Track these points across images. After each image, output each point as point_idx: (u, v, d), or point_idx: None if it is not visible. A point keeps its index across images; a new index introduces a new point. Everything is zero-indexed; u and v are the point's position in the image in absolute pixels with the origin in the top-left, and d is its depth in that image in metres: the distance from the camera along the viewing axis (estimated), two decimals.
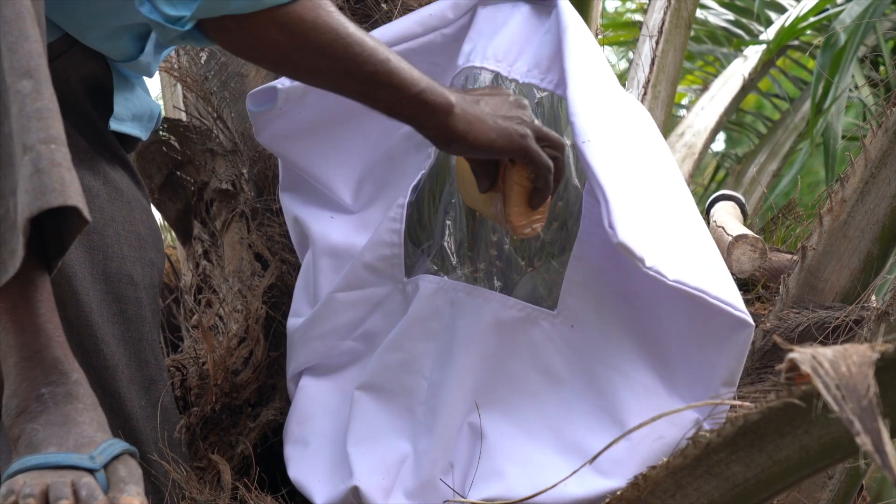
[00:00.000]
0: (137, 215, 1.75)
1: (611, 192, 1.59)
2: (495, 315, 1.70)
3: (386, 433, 1.72)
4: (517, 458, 1.68)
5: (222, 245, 2.18)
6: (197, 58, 2.25)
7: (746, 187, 3.91)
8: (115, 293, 1.69)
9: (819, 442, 1.25)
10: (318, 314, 1.80)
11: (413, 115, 1.58)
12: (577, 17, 1.80)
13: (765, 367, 1.95)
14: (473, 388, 1.71)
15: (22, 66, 1.33)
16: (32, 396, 1.37)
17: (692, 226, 1.74)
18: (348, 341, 1.80)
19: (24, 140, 1.31)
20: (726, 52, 4.29)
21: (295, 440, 1.78)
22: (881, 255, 1.94)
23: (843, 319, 1.88)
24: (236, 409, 1.93)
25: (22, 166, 1.30)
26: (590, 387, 1.70)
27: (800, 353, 1.09)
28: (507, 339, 1.70)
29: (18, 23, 1.34)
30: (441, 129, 1.58)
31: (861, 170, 1.92)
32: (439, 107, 1.56)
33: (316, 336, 1.80)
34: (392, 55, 1.55)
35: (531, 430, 1.70)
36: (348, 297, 1.79)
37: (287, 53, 1.53)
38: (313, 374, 1.82)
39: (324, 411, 1.79)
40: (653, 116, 2.61)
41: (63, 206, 1.29)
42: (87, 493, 1.30)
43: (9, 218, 1.33)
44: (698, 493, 1.35)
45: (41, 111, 1.32)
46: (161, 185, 2.24)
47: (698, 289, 1.62)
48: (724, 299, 1.64)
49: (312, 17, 1.50)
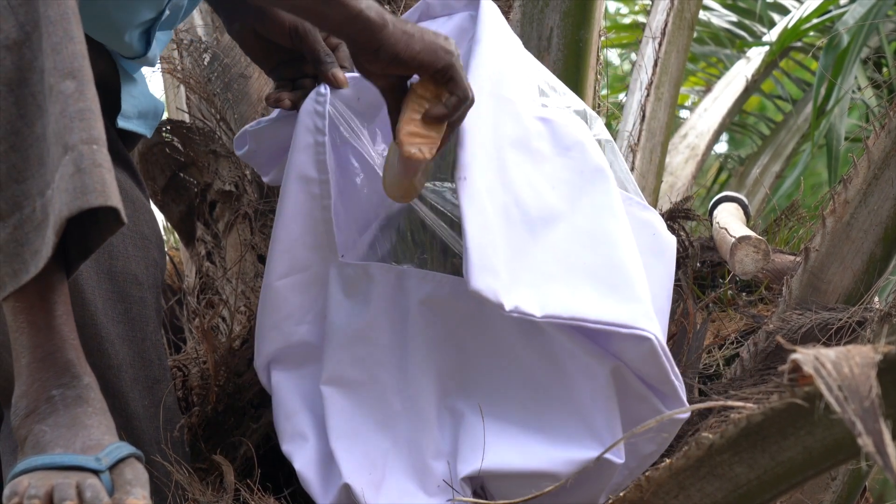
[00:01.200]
0: (141, 215, 1.76)
1: (473, 236, 1.61)
2: (451, 296, 1.71)
3: (365, 427, 1.73)
4: (497, 430, 1.70)
5: (225, 246, 2.18)
6: (200, 59, 2.26)
7: (749, 189, 3.92)
8: (121, 293, 1.69)
9: (822, 443, 1.25)
10: (267, 304, 1.79)
11: (353, 31, 1.59)
12: (496, 27, 1.79)
13: (768, 369, 1.95)
14: (443, 371, 1.73)
15: (66, 67, 1.34)
16: (43, 398, 1.38)
17: (599, 247, 1.72)
18: (304, 325, 1.80)
19: (66, 140, 1.32)
20: (729, 53, 4.29)
21: (290, 435, 1.77)
22: (884, 257, 1.94)
23: (846, 321, 1.88)
24: (239, 410, 1.93)
25: (62, 165, 1.31)
26: (544, 360, 1.71)
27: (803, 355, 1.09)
28: (466, 319, 1.71)
29: (64, 24, 1.35)
30: (374, 41, 1.59)
31: (864, 171, 1.92)
32: (376, 23, 1.57)
33: (271, 325, 1.79)
34: None
35: (502, 405, 1.72)
36: (291, 282, 1.79)
37: None
38: (282, 367, 1.81)
39: (304, 405, 1.78)
40: (656, 118, 2.62)
41: (103, 206, 1.30)
42: (91, 494, 1.30)
43: (34, 218, 1.33)
44: (701, 494, 1.35)
45: (84, 112, 1.33)
46: (164, 187, 2.25)
47: (575, 317, 1.64)
48: (611, 321, 1.65)
49: None
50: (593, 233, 1.71)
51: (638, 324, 1.65)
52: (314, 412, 1.77)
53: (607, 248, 1.70)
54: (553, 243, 1.70)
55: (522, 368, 1.72)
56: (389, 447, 1.71)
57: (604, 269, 1.69)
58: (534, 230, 1.69)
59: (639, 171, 2.56)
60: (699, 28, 4.18)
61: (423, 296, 1.72)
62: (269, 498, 1.76)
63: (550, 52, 2.12)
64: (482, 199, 1.64)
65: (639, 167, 2.56)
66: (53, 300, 1.39)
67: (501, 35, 1.80)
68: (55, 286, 1.39)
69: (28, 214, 1.34)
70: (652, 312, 1.68)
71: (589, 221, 1.72)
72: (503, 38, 1.80)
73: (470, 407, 1.72)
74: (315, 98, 1.76)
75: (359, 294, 1.75)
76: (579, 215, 1.72)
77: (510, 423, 1.71)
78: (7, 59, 1.36)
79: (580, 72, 2.16)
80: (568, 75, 2.13)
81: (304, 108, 1.76)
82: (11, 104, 1.36)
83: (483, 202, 1.64)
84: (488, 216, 1.64)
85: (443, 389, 1.73)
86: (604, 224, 1.72)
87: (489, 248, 1.62)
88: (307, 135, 1.75)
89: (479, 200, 1.64)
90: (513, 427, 1.71)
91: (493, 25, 1.78)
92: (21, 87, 1.36)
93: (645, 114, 2.61)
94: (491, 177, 1.67)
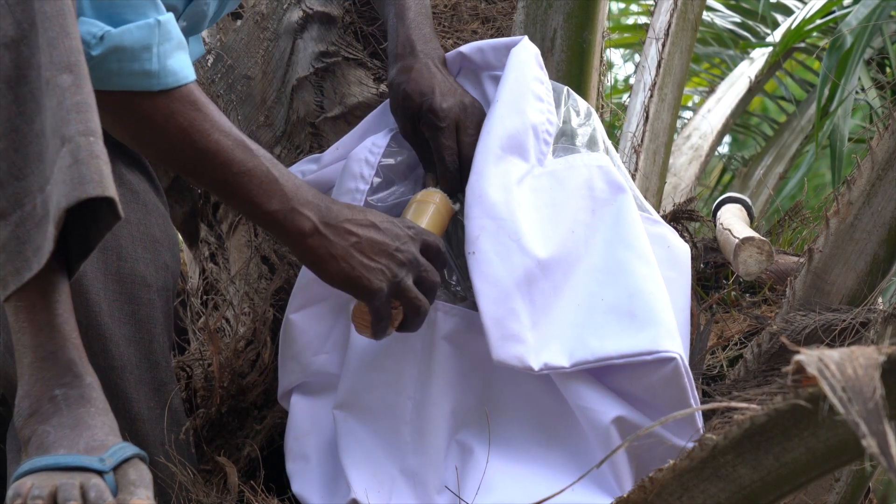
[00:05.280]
0: (153, 218, 1.75)
1: (488, 311, 1.64)
2: (474, 332, 1.72)
3: (374, 453, 1.73)
4: (507, 470, 1.69)
5: (229, 248, 2.18)
6: (204, 60, 2.26)
7: (753, 190, 3.91)
8: (128, 294, 1.69)
9: (825, 444, 1.25)
10: (286, 336, 1.83)
11: (269, 229, 1.61)
12: (519, 77, 1.80)
13: (771, 370, 1.95)
14: (457, 405, 1.73)
15: (63, 61, 1.35)
16: (45, 398, 1.38)
17: (617, 280, 1.72)
18: (322, 355, 1.82)
19: (64, 132, 1.32)
20: (732, 54, 4.28)
21: (295, 455, 1.79)
22: (888, 258, 1.94)
23: (850, 322, 1.88)
24: (243, 412, 1.93)
25: (60, 157, 1.32)
26: (558, 404, 1.71)
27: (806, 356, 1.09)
28: (487, 356, 1.71)
29: (59, 19, 1.36)
30: (294, 248, 1.61)
31: (867, 172, 1.92)
32: (295, 231, 1.58)
33: (291, 356, 1.83)
34: (257, 168, 1.55)
35: (516, 443, 1.71)
36: (307, 314, 1.80)
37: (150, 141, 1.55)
38: (302, 391, 1.84)
39: (316, 427, 1.80)
40: (659, 119, 2.61)
41: (100, 196, 1.30)
42: (95, 494, 1.30)
43: (35, 215, 1.34)
44: (704, 495, 1.35)
45: (80, 104, 1.34)
46: (168, 188, 2.25)
47: (601, 358, 1.65)
48: (634, 351, 1.65)
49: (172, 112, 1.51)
50: (608, 268, 1.72)
51: (661, 346, 1.66)
52: (323, 435, 1.79)
53: (624, 279, 1.71)
54: (573, 288, 1.70)
55: (537, 410, 1.73)
56: (396, 475, 1.72)
57: (624, 301, 1.69)
58: (555, 282, 1.70)
59: (642, 172, 2.56)
60: (702, 29, 4.18)
61: (447, 330, 1.73)
62: (272, 499, 1.76)
63: (554, 53, 2.12)
64: (495, 271, 1.66)
65: (642, 168, 2.56)
66: (55, 299, 1.39)
67: (523, 86, 1.80)
68: (57, 285, 1.39)
69: (29, 211, 1.34)
70: (675, 331, 1.68)
71: (602, 258, 1.73)
72: (523, 90, 1.80)
73: (480, 444, 1.71)
74: (369, 148, 1.79)
75: None
76: (594, 254, 1.73)
77: (518, 463, 1.71)
78: (6, 57, 1.36)
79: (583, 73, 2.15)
80: (571, 77, 2.13)
81: (354, 155, 1.79)
82: (11, 102, 1.36)
83: (496, 273, 1.66)
84: (504, 285, 1.66)
85: (455, 424, 1.73)
86: (617, 256, 1.72)
87: (508, 319, 1.65)
88: (352, 181, 1.78)
89: (492, 273, 1.66)
90: (520, 467, 1.71)
91: (516, 77, 1.79)
92: (20, 85, 1.36)
93: (648, 115, 2.61)
94: (505, 241, 1.67)
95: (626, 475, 1.66)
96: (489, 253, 1.66)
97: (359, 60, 2.19)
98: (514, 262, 1.67)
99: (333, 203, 1.62)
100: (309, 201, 1.59)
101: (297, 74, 2.20)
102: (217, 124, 1.53)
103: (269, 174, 1.56)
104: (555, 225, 1.74)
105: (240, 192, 1.56)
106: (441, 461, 1.71)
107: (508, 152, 1.74)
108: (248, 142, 1.56)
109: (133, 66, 1.48)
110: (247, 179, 1.55)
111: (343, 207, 1.62)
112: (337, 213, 1.61)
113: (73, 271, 1.42)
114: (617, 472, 1.66)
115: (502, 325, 1.64)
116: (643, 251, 1.73)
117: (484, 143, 1.74)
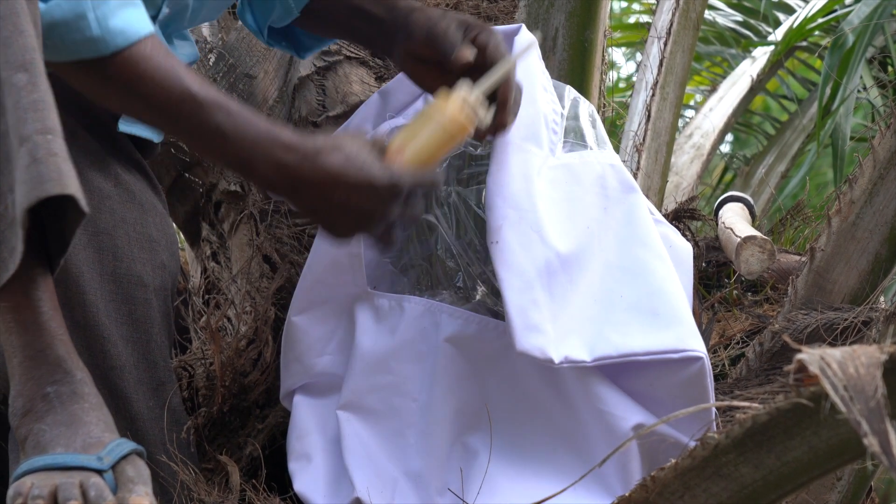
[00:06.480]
0: (150, 218, 1.75)
1: (512, 301, 1.62)
2: (478, 335, 1.72)
3: (378, 455, 1.73)
4: (511, 472, 1.69)
5: (230, 247, 2.18)
6: (206, 59, 2.26)
7: (755, 189, 3.91)
8: (125, 294, 1.69)
9: (827, 443, 1.25)
10: (288, 338, 1.82)
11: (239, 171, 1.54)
12: (525, 75, 1.76)
13: (773, 369, 1.95)
14: (460, 408, 1.72)
15: (17, 60, 1.33)
16: (38, 396, 1.38)
17: (635, 278, 1.70)
18: (325, 356, 1.82)
19: (21, 131, 1.31)
20: (734, 53, 4.28)
21: (297, 455, 1.79)
22: (889, 257, 1.94)
23: (852, 321, 1.88)
24: (245, 411, 1.93)
25: (19, 157, 1.30)
26: (563, 407, 1.70)
27: (808, 354, 1.09)
28: (491, 359, 1.71)
29: (13, 18, 1.35)
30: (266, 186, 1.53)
31: (869, 171, 1.92)
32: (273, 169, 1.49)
33: (293, 357, 1.82)
34: (231, 110, 1.47)
35: (517, 447, 1.71)
36: (310, 316, 1.80)
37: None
38: (305, 392, 1.84)
39: (318, 427, 1.80)
40: (661, 118, 2.61)
41: (61, 194, 1.29)
42: (95, 493, 1.31)
43: (8, 215, 1.33)
44: (707, 494, 1.35)
45: (37, 103, 1.32)
46: (169, 187, 2.25)
47: (625, 353, 1.63)
48: (660, 349, 1.64)
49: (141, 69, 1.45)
50: (625, 266, 1.71)
51: (688, 345, 1.64)
52: (325, 435, 1.78)
53: (643, 277, 1.70)
54: (589, 284, 1.70)
55: (541, 413, 1.71)
56: (399, 477, 1.72)
57: (644, 299, 1.68)
58: (571, 275, 1.69)
59: (644, 171, 2.56)
60: (704, 27, 4.18)
61: (451, 333, 1.73)
62: (274, 498, 1.76)
63: (556, 52, 2.12)
64: (518, 260, 1.65)
65: (644, 167, 2.56)
66: (38, 297, 1.39)
67: (532, 76, 1.79)
68: (39, 283, 1.39)
69: (1, 212, 1.34)
70: (697, 331, 1.68)
71: (618, 255, 1.72)
72: (533, 80, 1.79)
73: (484, 445, 1.71)
74: None
75: (387, 322, 1.76)
76: (608, 251, 1.72)
77: (522, 465, 1.70)
78: None
79: (585, 72, 2.15)
80: (573, 76, 2.13)
81: None
82: None
83: (520, 263, 1.65)
84: (527, 275, 1.65)
85: (460, 426, 1.72)
86: (634, 254, 1.72)
87: (531, 308, 1.63)
88: None
89: (515, 262, 1.65)
90: (525, 470, 1.70)
91: (525, 67, 1.77)
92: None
93: (650, 114, 2.61)
94: (527, 232, 1.67)
95: (633, 481, 1.65)
96: (512, 243, 1.66)
97: (361, 59, 2.19)
98: (536, 253, 1.67)
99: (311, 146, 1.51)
100: (285, 143, 1.49)
101: (299, 73, 2.20)
102: (181, 73, 1.46)
103: (243, 112, 1.48)
104: (572, 220, 1.73)
105: (217, 140, 1.47)
106: (445, 463, 1.71)
107: (526, 141, 1.74)
108: (222, 95, 1.50)
109: (75, 37, 1.43)
110: (229, 131, 1.47)
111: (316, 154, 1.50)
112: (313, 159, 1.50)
113: (55, 268, 1.41)
114: (629, 479, 1.65)
115: (525, 315, 1.63)
116: (659, 251, 1.73)
117: (498, 156, 1.73)
